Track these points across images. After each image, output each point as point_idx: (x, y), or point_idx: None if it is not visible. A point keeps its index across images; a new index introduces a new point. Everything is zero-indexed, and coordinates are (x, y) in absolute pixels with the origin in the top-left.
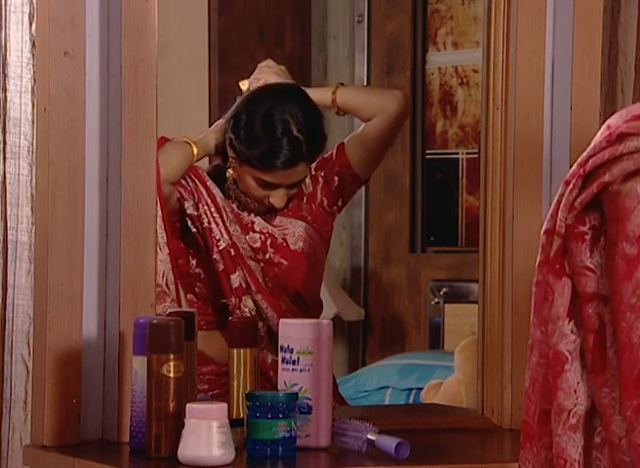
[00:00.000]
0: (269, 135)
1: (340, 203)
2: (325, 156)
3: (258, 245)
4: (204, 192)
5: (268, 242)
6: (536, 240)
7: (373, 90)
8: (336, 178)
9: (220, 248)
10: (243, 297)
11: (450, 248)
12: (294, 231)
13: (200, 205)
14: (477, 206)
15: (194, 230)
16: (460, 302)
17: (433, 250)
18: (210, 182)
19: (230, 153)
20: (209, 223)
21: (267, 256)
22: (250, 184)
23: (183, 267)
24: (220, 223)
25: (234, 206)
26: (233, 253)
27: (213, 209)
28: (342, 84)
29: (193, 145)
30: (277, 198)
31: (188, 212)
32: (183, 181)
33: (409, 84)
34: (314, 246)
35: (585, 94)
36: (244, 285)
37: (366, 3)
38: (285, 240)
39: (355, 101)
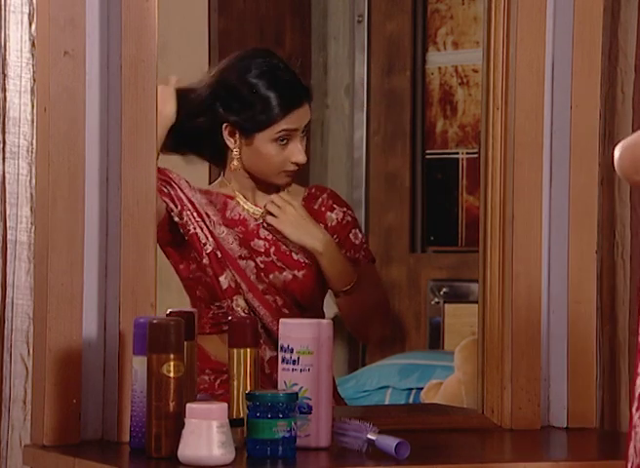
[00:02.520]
0: (271, 87)
1: None
2: (360, 238)
3: (262, 250)
4: (184, 198)
5: (272, 249)
6: (536, 240)
7: (368, 321)
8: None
9: (207, 251)
10: (234, 297)
11: (450, 247)
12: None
13: (184, 212)
14: (477, 206)
15: (186, 238)
16: (460, 302)
17: (433, 249)
18: (187, 188)
19: (233, 140)
20: (194, 228)
21: (270, 259)
22: (268, 152)
23: (185, 272)
24: (204, 227)
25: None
26: (220, 256)
27: (195, 214)
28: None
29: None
30: (297, 152)
31: (176, 220)
32: (165, 190)
33: (409, 84)
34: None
35: (585, 94)
36: (233, 285)
37: (366, 3)
38: (289, 250)
39: (346, 316)
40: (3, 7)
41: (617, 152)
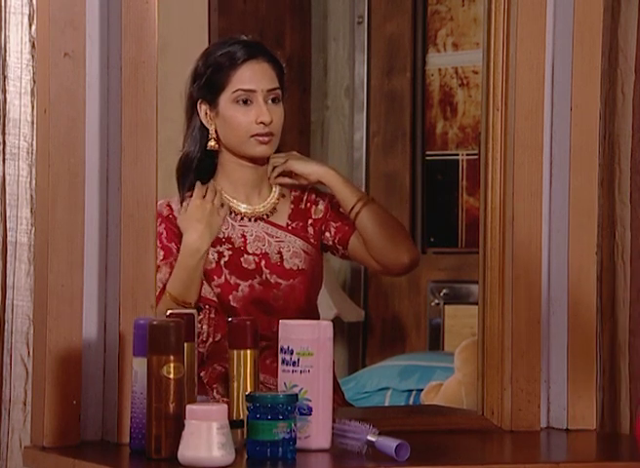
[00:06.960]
0: (222, 52)
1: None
2: (340, 211)
3: (252, 267)
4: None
5: (263, 263)
6: (536, 240)
7: (393, 237)
8: (329, 242)
9: (208, 343)
10: (214, 385)
11: (450, 249)
12: (289, 246)
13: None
14: (477, 207)
15: None
16: (460, 303)
17: (433, 251)
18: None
19: (207, 119)
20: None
21: (264, 277)
22: (232, 114)
23: None
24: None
25: (229, 219)
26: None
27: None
28: (373, 200)
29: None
30: (261, 113)
31: None
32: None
33: (409, 85)
34: (312, 262)
35: (585, 94)
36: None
37: (366, 4)
38: (280, 255)
39: (370, 235)
40: (3, 8)
41: None
